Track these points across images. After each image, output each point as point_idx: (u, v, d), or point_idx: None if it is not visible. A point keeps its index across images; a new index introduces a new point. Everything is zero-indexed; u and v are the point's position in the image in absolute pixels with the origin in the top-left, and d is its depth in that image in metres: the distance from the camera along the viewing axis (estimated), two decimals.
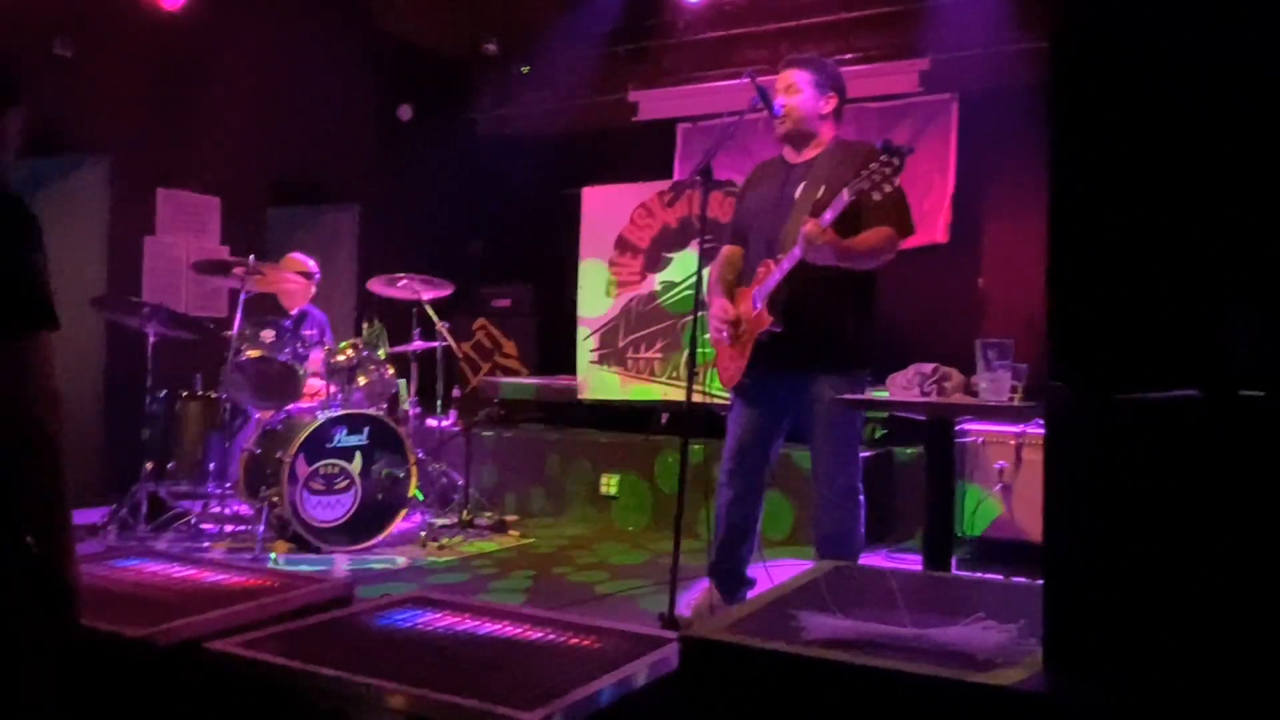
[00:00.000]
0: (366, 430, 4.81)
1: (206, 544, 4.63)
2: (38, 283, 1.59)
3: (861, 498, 3.21)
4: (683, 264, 5.69)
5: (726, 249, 3.47)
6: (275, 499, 4.54)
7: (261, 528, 4.52)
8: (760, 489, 3.39)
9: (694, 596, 3.65)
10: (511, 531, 5.21)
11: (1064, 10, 1.49)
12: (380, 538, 4.78)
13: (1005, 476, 4.50)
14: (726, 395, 3.47)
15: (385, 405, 5.25)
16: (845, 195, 2.95)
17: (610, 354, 5.92)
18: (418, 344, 5.37)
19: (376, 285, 5.38)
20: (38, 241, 1.62)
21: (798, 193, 3.23)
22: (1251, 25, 1.33)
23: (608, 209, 6.03)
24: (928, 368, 3.02)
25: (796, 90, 3.27)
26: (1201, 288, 1.35)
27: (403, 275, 5.25)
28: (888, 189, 2.89)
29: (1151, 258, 1.38)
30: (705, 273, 3.33)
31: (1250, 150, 1.32)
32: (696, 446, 3.18)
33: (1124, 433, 1.39)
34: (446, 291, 5.38)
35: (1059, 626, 1.43)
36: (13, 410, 1.53)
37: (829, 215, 2.98)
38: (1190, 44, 1.37)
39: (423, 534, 4.89)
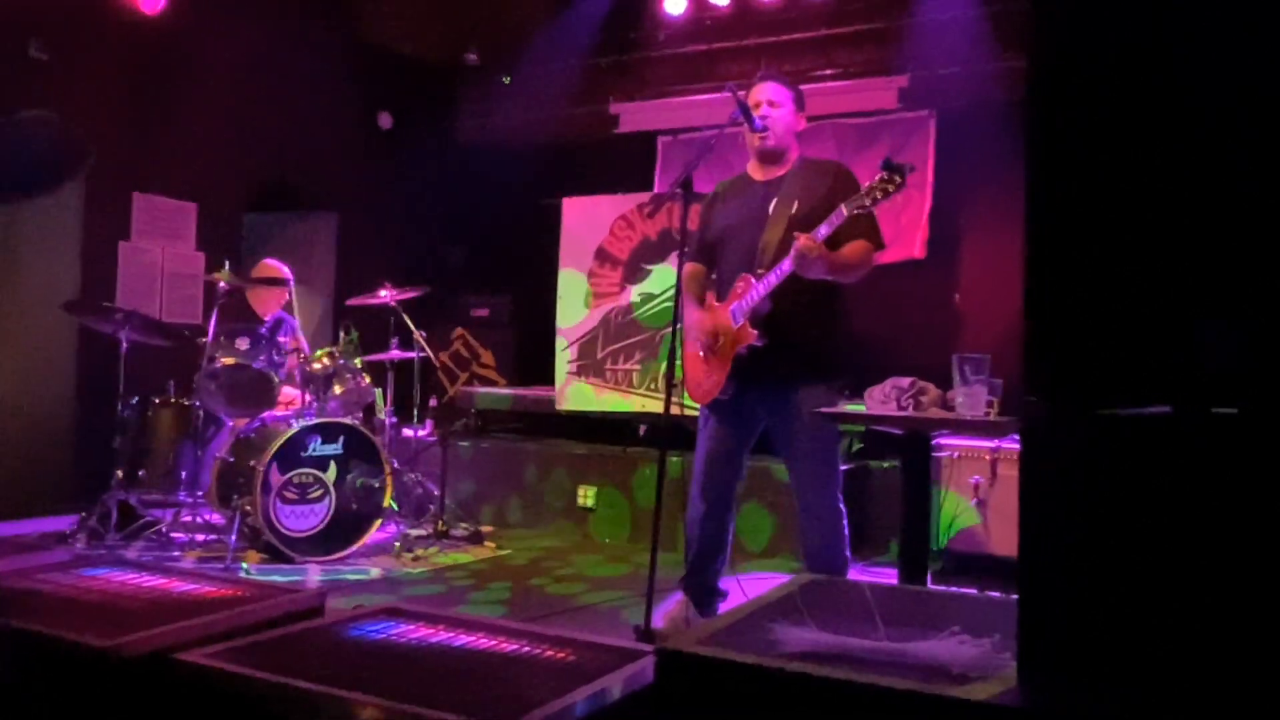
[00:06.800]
0: (341, 439, 4.78)
1: (177, 553, 4.58)
2: None
3: (843, 507, 3.22)
4: (662, 276, 5.69)
5: (690, 266, 3.45)
6: (248, 508, 4.50)
7: (233, 537, 4.47)
8: (731, 502, 3.40)
9: (668, 609, 3.64)
10: (487, 543, 5.18)
11: (1041, 29, 1.51)
12: (354, 548, 4.74)
13: (980, 491, 4.52)
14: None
15: (361, 414, 5.22)
16: (844, 211, 2.96)
17: (588, 365, 5.92)
18: (395, 353, 5.34)
19: (357, 302, 5.36)
20: None
21: (771, 207, 3.26)
22: (1226, 45, 1.34)
23: (587, 220, 6.03)
24: (905, 382, 3.03)
25: (779, 104, 3.31)
26: (1176, 304, 1.36)
27: (380, 288, 5.23)
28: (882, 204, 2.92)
29: (1127, 274, 1.39)
30: None
31: (1224, 166, 1.34)
32: (674, 459, 3.17)
33: (1099, 448, 1.40)
34: (419, 292, 5.36)
35: (1033, 641, 1.44)
36: None
37: (824, 230, 2.99)
38: (1165, 62, 1.38)
39: (397, 545, 4.86)
